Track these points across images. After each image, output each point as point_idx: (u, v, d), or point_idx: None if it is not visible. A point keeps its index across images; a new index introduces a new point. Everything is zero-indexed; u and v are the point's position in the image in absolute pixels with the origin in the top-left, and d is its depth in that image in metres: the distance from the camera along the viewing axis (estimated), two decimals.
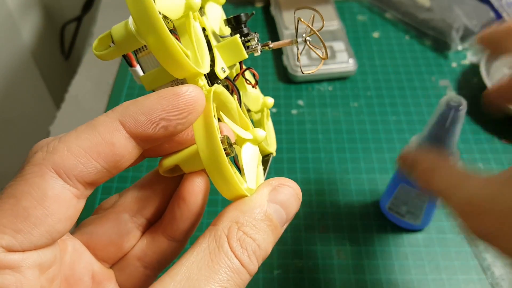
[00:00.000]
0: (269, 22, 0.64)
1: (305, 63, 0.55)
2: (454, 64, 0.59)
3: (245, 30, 0.22)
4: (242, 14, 0.22)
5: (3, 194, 0.17)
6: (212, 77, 0.21)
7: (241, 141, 0.21)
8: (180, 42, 0.20)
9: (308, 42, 0.22)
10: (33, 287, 0.16)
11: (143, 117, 0.17)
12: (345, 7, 0.66)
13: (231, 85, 0.22)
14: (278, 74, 0.58)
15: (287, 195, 0.19)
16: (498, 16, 0.61)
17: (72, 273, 0.19)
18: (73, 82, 0.57)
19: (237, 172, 0.20)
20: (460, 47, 0.59)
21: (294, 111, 0.53)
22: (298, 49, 0.22)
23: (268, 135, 0.26)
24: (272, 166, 0.47)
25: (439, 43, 0.60)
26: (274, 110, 0.54)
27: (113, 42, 0.21)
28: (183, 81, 0.20)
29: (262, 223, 0.18)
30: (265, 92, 0.56)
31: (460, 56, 0.60)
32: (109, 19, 0.65)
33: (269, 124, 0.29)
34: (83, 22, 0.83)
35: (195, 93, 0.18)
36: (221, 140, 0.19)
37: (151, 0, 0.17)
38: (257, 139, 0.20)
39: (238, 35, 0.21)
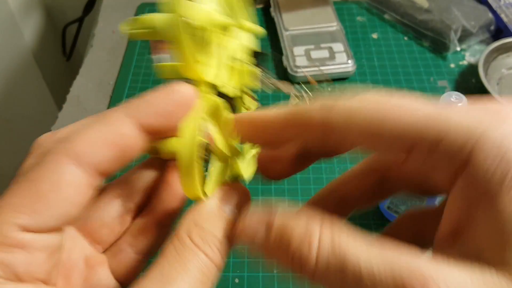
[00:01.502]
0: (268, 23, 0.65)
1: (304, 64, 0.56)
2: (452, 65, 0.59)
3: (264, 68, 0.24)
4: (265, 54, 0.24)
5: (19, 178, 0.17)
6: (220, 93, 0.23)
7: (219, 154, 0.22)
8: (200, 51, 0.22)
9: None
10: (39, 269, 0.17)
11: (149, 110, 0.19)
12: (344, 9, 0.67)
13: (231, 105, 0.23)
14: (278, 75, 0.58)
15: (235, 195, 0.21)
16: (497, 17, 0.61)
17: (68, 259, 0.20)
18: (75, 83, 0.58)
19: (204, 177, 0.21)
20: (458, 48, 0.60)
21: None
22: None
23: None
24: None
25: (438, 44, 0.61)
26: None
27: (149, 28, 0.22)
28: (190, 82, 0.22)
29: (218, 220, 0.20)
30: (265, 92, 0.56)
31: (459, 56, 0.60)
32: (110, 21, 0.66)
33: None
34: (84, 24, 0.83)
35: (189, 90, 0.20)
36: (202, 145, 0.20)
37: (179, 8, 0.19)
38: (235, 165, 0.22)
39: (260, 70, 0.24)
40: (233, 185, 0.22)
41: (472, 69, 0.58)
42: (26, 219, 0.16)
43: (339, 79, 0.57)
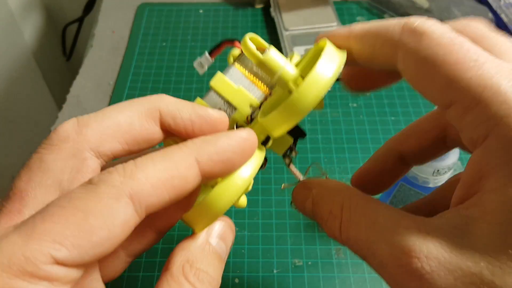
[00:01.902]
0: (268, 23, 0.65)
1: None
2: None
3: (295, 147, 0.26)
4: (305, 135, 0.25)
5: (70, 203, 0.16)
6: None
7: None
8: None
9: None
10: None
11: (216, 157, 0.19)
12: (344, 8, 0.67)
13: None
14: None
15: (223, 229, 0.22)
16: (497, 17, 0.61)
17: None
18: (75, 83, 0.58)
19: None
20: None
21: None
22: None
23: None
24: (272, 166, 0.48)
25: None
26: None
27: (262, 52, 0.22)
28: (231, 107, 0.23)
29: (210, 258, 0.20)
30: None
31: None
32: (110, 21, 0.66)
33: None
34: (84, 23, 0.83)
35: (255, 141, 0.20)
36: None
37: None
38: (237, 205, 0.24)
39: (292, 142, 0.25)
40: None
41: None
42: (63, 252, 0.15)
43: (339, 79, 0.57)
